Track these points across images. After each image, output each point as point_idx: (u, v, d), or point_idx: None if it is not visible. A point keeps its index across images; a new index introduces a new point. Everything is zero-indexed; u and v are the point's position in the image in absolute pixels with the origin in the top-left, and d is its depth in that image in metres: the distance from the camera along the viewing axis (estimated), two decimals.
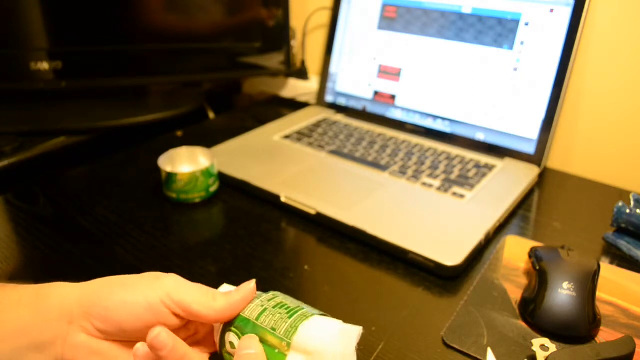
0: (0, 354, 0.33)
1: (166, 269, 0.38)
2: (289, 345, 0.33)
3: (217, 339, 0.37)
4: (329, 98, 0.91)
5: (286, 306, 0.36)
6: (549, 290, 0.45)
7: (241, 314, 0.36)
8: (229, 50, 0.90)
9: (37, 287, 0.36)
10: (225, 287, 0.39)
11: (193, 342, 0.38)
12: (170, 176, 0.63)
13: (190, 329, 0.38)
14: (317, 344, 0.33)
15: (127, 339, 0.35)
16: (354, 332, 0.35)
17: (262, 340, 0.34)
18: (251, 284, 0.36)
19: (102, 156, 0.77)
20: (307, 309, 0.36)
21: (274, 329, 0.34)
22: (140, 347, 0.33)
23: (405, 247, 0.53)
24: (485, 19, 0.74)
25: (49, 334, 0.34)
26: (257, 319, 0.35)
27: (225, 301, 0.35)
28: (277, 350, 0.34)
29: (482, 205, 0.61)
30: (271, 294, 0.37)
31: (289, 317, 0.34)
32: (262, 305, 0.36)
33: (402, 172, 0.69)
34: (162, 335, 0.33)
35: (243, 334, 0.35)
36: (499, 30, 0.73)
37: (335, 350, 0.33)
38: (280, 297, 0.37)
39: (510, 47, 0.72)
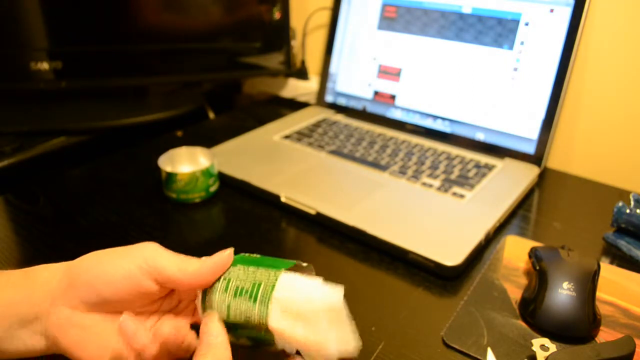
0: None
1: None
2: (267, 328, 0.34)
3: None
4: (329, 98, 0.91)
5: (244, 290, 0.35)
6: (549, 290, 0.45)
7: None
8: (229, 50, 0.90)
9: (25, 270, 0.37)
10: None
11: (176, 312, 0.39)
12: (170, 176, 0.63)
13: (172, 299, 0.39)
14: (296, 311, 0.34)
15: (110, 309, 0.36)
16: (330, 293, 0.35)
17: (248, 328, 0.35)
18: (226, 251, 0.37)
19: (102, 156, 0.77)
20: (263, 282, 0.35)
21: (248, 319, 0.35)
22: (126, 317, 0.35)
23: (405, 247, 0.53)
24: (485, 19, 0.74)
25: (34, 312, 0.35)
26: (228, 317, 0.35)
27: (199, 265, 0.36)
28: (263, 332, 0.35)
29: (482, 205, 0.61)
30: (222, 279, 0.37)
31: (254, 303, 0.35)
32: (225, 301, 0.36)
33: (402, 172, 0.69)
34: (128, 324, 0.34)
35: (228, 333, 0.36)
36: (499, 30, 0.73)
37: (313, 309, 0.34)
38: (233, 280, 0.36)
39: (510, 47, 0.72)
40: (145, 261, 0.35)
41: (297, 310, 0.34)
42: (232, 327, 0.36)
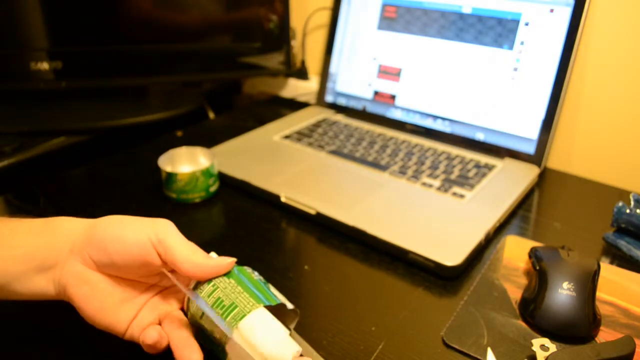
0: (11, 274, 0.37)
1: None
2: (224, 348, 0.37)
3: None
4: (329, 98, 0.91)
5: (222, 305, 0.37)
6: (549, 290, 0.45)
7: (190, 311, 0.39)
8: (229, 50, 0.90)
9: (46, 219, 0.40)
10: (212, 255, 0.41)
11: (174, 291, 0.42)
12: (170, 176, 0.63)
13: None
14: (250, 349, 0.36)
15: (118, 272, 0.39)
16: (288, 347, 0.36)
17: (210, 338, 0.38)
18: (229, 259, 0.39)
19: (102, 156, 0.77)
20: (239, 307, 0.37)
21: (213, 331, 0.37)
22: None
23: (405, 247, 0.53)
24: (485, 19, 0.74)
25: (53, 259, 0.38)
26: (201, 318, 0.38)
27: (202, 260, 0.38)
28: (220, 348, 0.37)
29: (482, 205, 0.61)
30: (212, 284, 0.39)
31: (223, 320, 0.37)
32: (203, 305, 0.38)
33: (402, 172, 0.69)
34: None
35: (197, 330, 0.39)
36: (499, 30, 0.73)
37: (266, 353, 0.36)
38: (219, 290, 0.38)
39: (510, 47, 0.72)
40: (156, 235, 0.38)
41: (253, 347, 0.36)
42: (199, 328, 0.39)
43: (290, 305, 0.41)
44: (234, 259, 0.39)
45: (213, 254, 0.42)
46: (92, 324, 0.38)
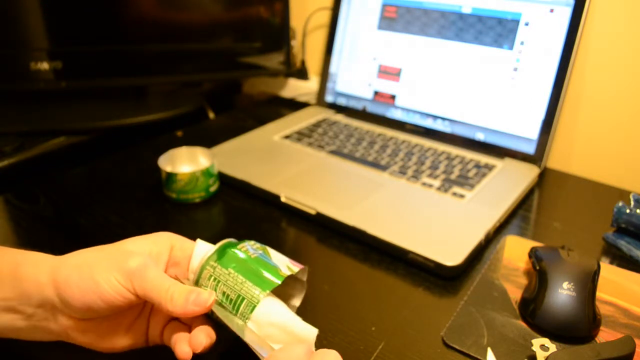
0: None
1: None
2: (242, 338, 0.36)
3: None
4: (329, 98, 0.91)
5: (229, 299, 0.37)
6: (549, 290, 0.45)
7: None
8: (229, 50, 0.90)
9: (13, 265, 0.37)
10: (200, 244, 0.41)
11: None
12: (170, 176, 0.63)
13: None
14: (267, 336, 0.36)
15: (101, 316, 0.37)
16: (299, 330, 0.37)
17: (224, 326, 0.37)
18: (209, 301, 0.36)
19: (102, 156, 0.77)
20: (246, 300, 0.37)
21: (227, 324, 0.37)
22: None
23: (405, 247, 0.53)
24: (485, 19, 0.74)
25: (40, 315, 0.36)
26: (212, 314, 0.38)
27: (181, 306, 0.35)
28: (239, 338, 0.37)
29: (482, 205, 0.61)
30: (212, 279, 0.38)
31: (234, 315, 0.37)
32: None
33: (402, 172, 0.69)
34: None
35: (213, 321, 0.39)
36: (499, 30, 0.73)
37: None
38: (222, 284, 0.38)
39: (510, 47, 0.72)
40: (130, 282, 0.35)
41: (272, 332, 0.36)
42: (214, 320, 0.38)
43: (295, 268, 0.40)
44: (212, 298, 0.36)
45: (199, 240, 0.41)
46: (111, 353, 0.38)
